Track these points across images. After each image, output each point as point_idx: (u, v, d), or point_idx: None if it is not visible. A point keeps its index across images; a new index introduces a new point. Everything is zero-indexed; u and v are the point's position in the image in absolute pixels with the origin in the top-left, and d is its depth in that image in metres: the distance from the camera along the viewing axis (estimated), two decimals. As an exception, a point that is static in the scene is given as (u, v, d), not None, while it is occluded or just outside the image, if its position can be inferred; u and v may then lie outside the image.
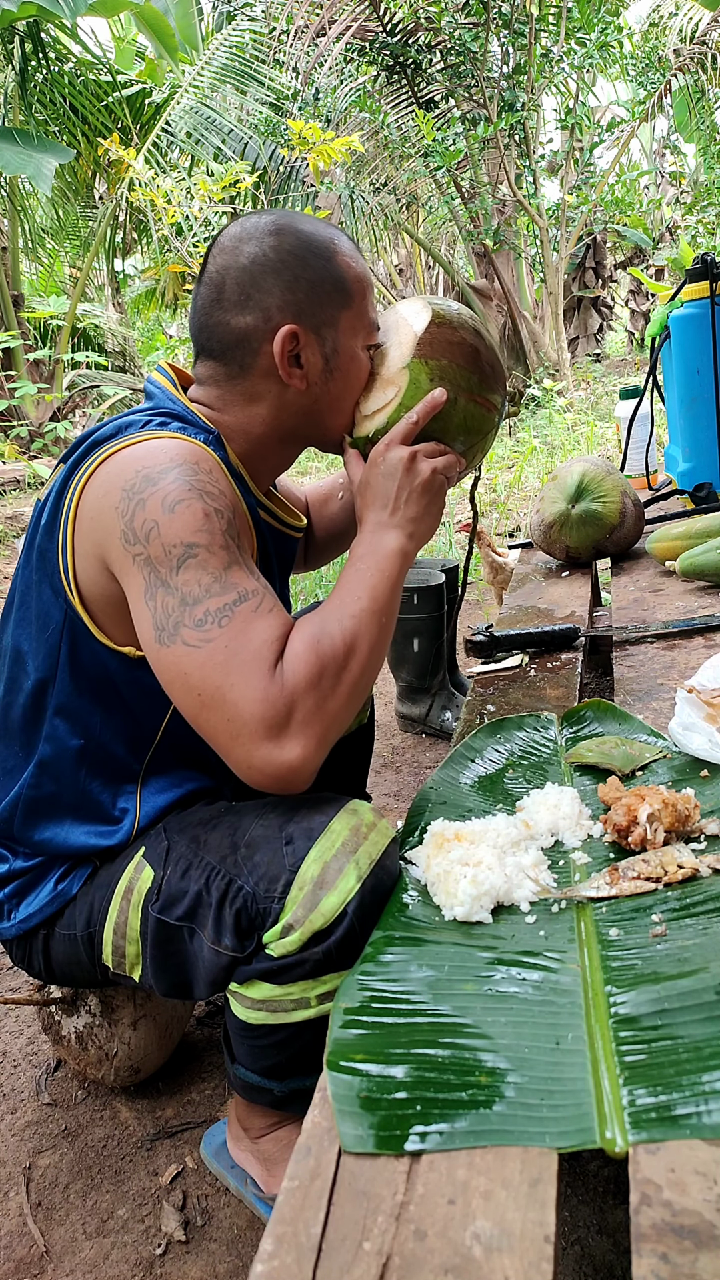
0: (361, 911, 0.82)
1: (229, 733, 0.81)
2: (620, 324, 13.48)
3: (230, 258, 0.97)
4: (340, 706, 0.84)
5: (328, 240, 0.99)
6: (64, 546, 0.92)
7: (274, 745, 0.80)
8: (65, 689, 0.96)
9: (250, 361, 0.97)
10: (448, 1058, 0.63)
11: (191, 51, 8.31)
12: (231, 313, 0.96)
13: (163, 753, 1.01)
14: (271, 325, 0.95)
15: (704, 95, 9.01)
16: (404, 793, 2.05)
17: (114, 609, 0.91)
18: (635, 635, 1.47)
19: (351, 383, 1.02)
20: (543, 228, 7.63)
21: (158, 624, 0.83)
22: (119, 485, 0.87)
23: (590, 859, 0.89)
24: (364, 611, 0.88)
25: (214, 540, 0.84)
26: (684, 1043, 0.61)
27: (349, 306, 0.99)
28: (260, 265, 0.95)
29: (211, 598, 0.82)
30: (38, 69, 6.96)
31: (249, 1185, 1.06)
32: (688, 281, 2.07)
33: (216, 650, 0.81)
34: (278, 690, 0.80)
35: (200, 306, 0.99)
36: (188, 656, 0.81)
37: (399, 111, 7.80)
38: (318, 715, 0.82)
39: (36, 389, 6.52)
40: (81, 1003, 1.19)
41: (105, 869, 0.99)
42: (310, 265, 0.96)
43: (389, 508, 0.96)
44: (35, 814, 0.99)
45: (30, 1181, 1.16)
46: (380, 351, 1.04)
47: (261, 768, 0.81)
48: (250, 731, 0.80)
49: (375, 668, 0.89)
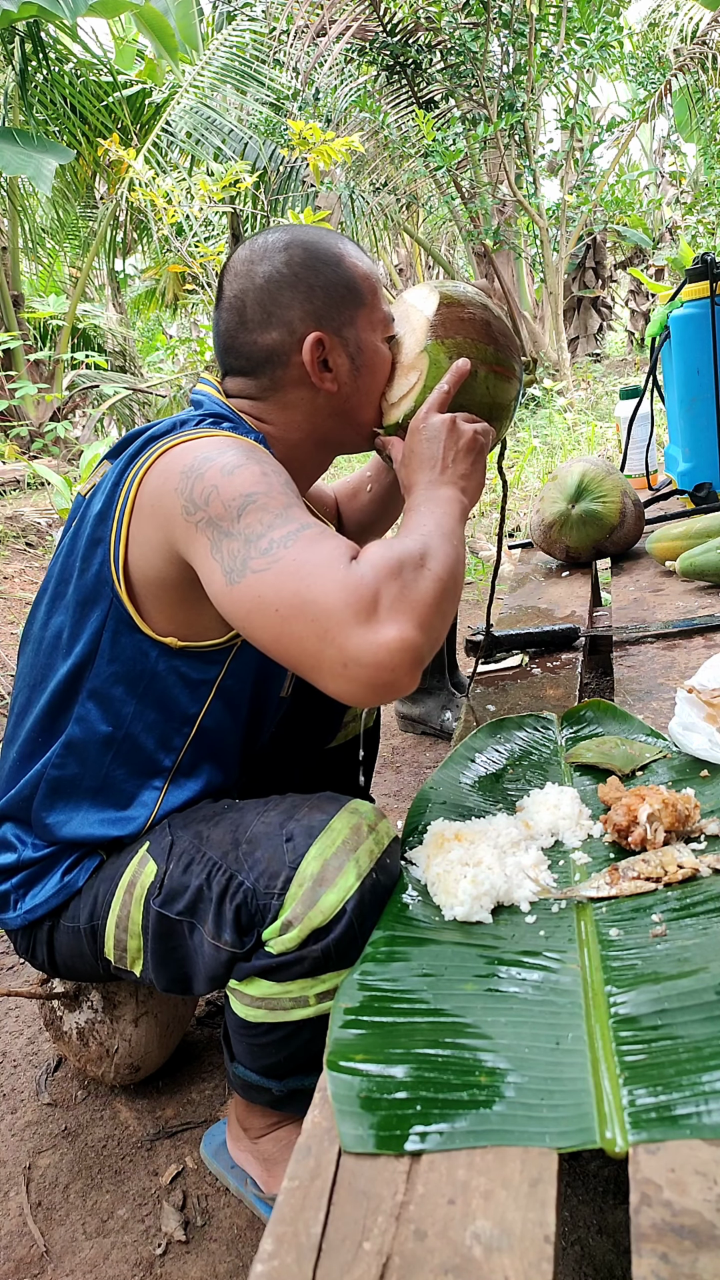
0: (361, 910, 0.82)
1: (317, 633, 0.75)
2: (620, 324, 13.48)
3: (246, 280, 1.01)
4: (427, 595, 0.79)
5: (333, 245, 1.03)
6: (117, 535, 0.94)
7: (366, 629, 0.74)
8: (102, 674, 0.97)
9: (281, 374, 1.02)
10: (448, 1058, 0.63)
11: (191, 51, 8.30)
12: (257, 332, 1.01)
13: (194, 751, 1.03)
14: (297, 337, 1.00)
15: (704, 95, 9.00)
16: (404, 793, 2.05)
17: (164, 595, 0.93)
18: (635, 635, 1.47)
19: (378, 375, 1.06)
20: (543, 228, 7.63)
21: (226, 569, 0.82)
22: (178, 470, 0.89)
23: (590, 859, 0.89)
24: (431, 534, 0.87)
25: (272, 488, 0.85)
26: (684, 1043, 0.61)
27: (364, 304, 1.04)
28: (276, 282, 1.00)
29: (274, 530, 0.81)
30: (38, 69, 6.95)
31: (249, 1185, 1.06)
32: (688, 281, 2.07)
33: (286, 564, 0.78)
34: (358, 577, 0.76)
35: (225, 331, 1.04)
36: (259, 581, 0.79)
37: (399, 111, 7.80)
38: (405, 600, 0.77)
39: (36, 389, 6.51)
40: (84, 998, 1.19)
41: (110, 863, 0.99)
42: (321, 272, 1.01)
43: (438, 467, 0.97)
44: (56, 793, 1.00)
45: (30, 1181, 1.16)
46: (396, 341, 1.08)
47: (359, 658, 0.74)
48: (339, 621, 0.75)
49: (455, 574, 0.85)
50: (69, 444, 6.90)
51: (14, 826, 1.03)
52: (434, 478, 0.96)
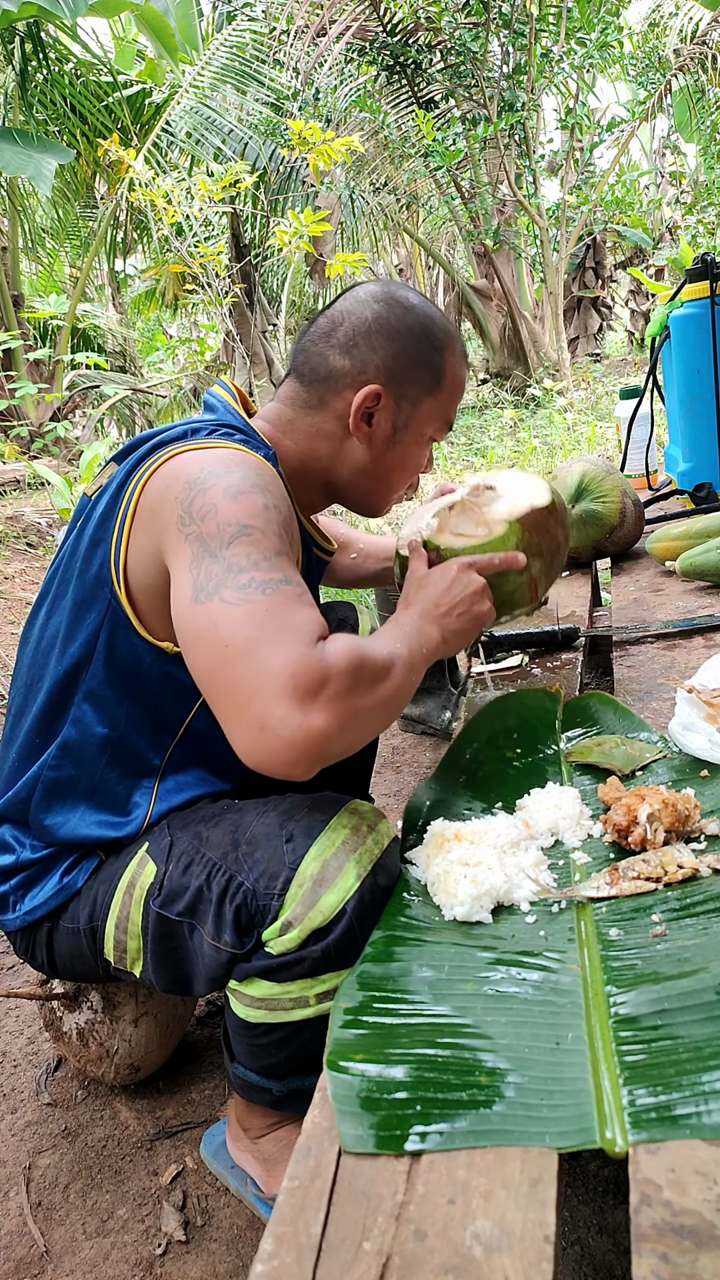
0: (361, 910, 0.82)
1: (251, 687, 0.75)
2: (620, 324, 13.47)
3: (359, 307, 1.05)
4: (369, 712, 0.82)
5: (446, 337, 1.07)
6: (118, 538, 0.94)
7: (297, 707, 0.74)
8: (98, 676, 0.97)
9: (329, 399, 1.04)
10: (448, 1058, 0.63)
11: (191, 52, 8.30)
12: (334, 350, 1.04)
13: (181, 751, 1.02)
14: (363, 378, 1.03)
15: (704, 95, 9.00)
16: (404, 793, 2.05)
17: (160, 602, 0.93)
18: (635, 635, 1.47)
19: (408, 461, 1.10)
20: (543, 228, 7.63)
21: (197, 586, 0.82)
22: (182, 479, 0.89)
23: (590, 859, 0.89)
24: (402, 657, 0.90)
25: (269, 527, 0.85)
26: (684, 1043, 0.61)
27: (436, 396, 1.07)
28: (379, 325, 1.03)
29: (258, 570, 0.82)
30: (38, 69, 6.95)
31: (249, 1185, 1.06)
32: (688, 281, 2.07)
33: (257, 610, 0.79)
34: (316, 658, 0.76)
35: (311, 332, 1.07)
36: (224, 611, 0.79)
37: (399, 111, 7.80)
38: (346, 700, 0.78)
39: (36, 389, 6.51)
40: (83, 998, 1.19)
41: (109, 864, 0.99)
42: (421, 347, 1.05)
43: (441, 608, 1.01)
44: (53, 795, 1.00)
45: (30, 1181, 1.16)
46: (492, 493, 1.13)
47: (277, 729, 0.74)
48: (277, 689, 0.74)
49: (399, 701, 0.88)
50: (69, 444, 6.90)
51: (12, 828, 1.03)
52: (432, 613, 1.00)
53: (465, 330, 11.04)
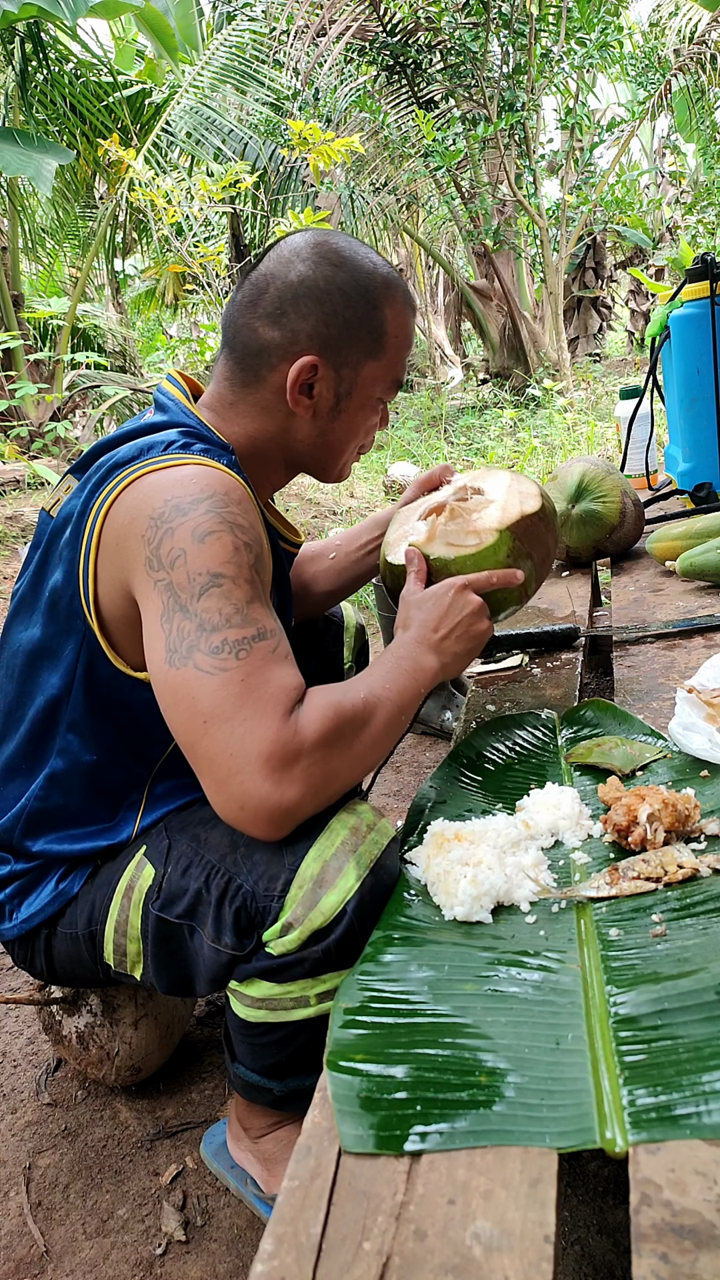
0: (361, 910, 0.82)
1: (229, 765, 0.78)
2: (620, 324, 13.47)
3: (282, 268, 0.97)
4: (345, 770, 0.83)
5: (384, 289, 0.99)
6: (84, 571, 0.91)
7: (272, 785, 0.78)
8: (79, 706, 0.95)
9: (265, 374, 0.98)
10: (448, 1058, 0.63)
11: (191, 52, 8.30)
12: (262, 322, 0.97)
13: (170, 759, 1.01)
14: (296, 349, 0.96)
15: (704, 95, 9.00)
16: (404, 793, 2.05)
17: (133, 631, 0.90)
18: (635, 635, 1.47)
19: (357, 427, 1.04)
20: (543, 228, 7.63)
21: (170, 645, 0.81)
22: (146, 514, 0.85)
23: (590, 859, 0.89)
24: (389, 701, 0.89)
25: (240, 573, 0.83)
26: (684, 1043, 0.61)
27: (378, 358, 1.01)
28: (305, 288, 0.96)
29: (231, 628, 0.81)
30: (38, 69, 6.95)
31: (249, 1185, 1.06)
32: (688, 281, 2.07)
33: (233, 680, 0.79)
34: (290, 734, 0.78)
35: (237, 302, 1.00)
36: (199, 681, 0.79)
37: (399, 111, 7.79)
38: (322, 770, 0.80)
39: (36, 389, 6.50)
40: (83, 1002, 1.19)
41: (107, 867, 0.99)
42: (354, 306, 0.97)
43: (438, 632, 1.00)
44: (38, 826, 0.99)
45: (30, 1181, 1.16)
46: (482, 498, 1.11)
47: (253, 805, 0.78)
48: (253, 767, 0.77)
49: (390, 738, 0.89)
50: (69, 444, 6.89)
51: None
52: (430, 639, 0.99)
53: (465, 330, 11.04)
